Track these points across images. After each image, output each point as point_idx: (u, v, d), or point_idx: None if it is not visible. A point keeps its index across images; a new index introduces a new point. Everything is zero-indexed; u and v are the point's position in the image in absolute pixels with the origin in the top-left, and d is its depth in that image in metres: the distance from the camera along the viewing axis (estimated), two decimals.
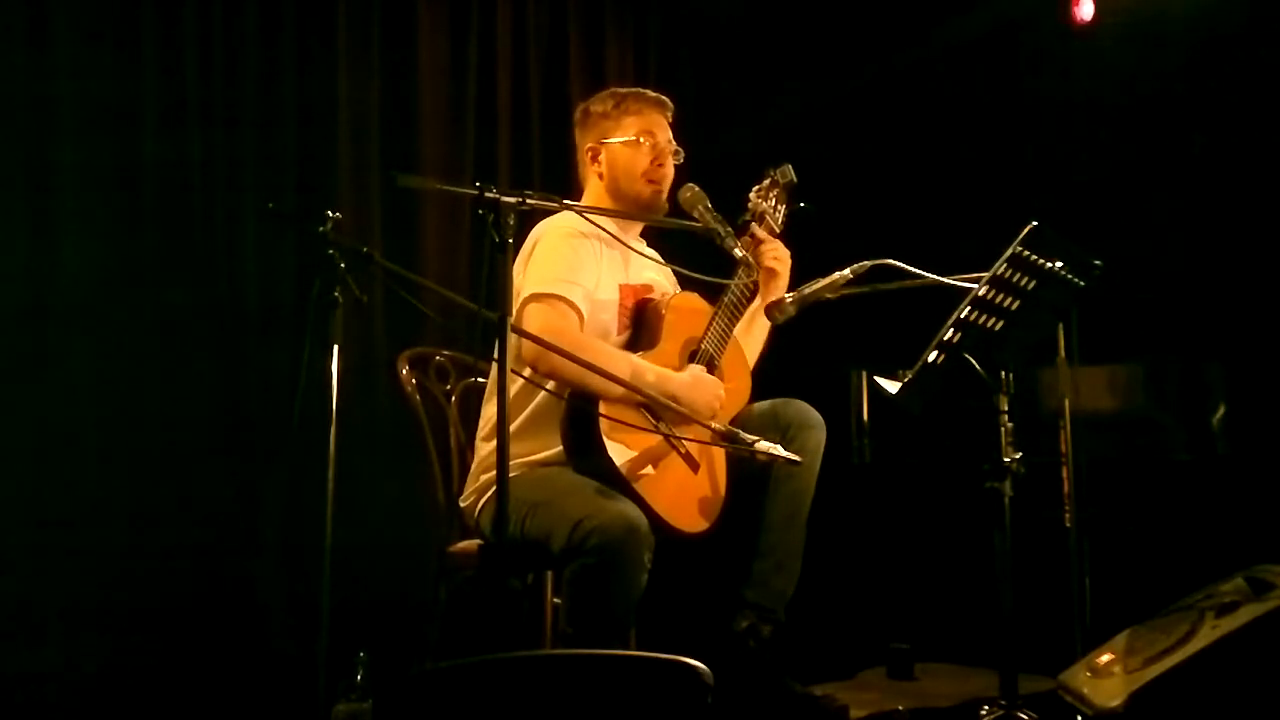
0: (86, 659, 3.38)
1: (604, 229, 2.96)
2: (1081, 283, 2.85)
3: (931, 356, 2.75)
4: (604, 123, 3.14)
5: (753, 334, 3.21)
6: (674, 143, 3.15)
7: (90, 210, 3.51)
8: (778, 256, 3.13)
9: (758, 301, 3.15)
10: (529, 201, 2.45)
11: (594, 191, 3.16)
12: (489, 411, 3.03)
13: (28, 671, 3.32)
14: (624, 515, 2.66)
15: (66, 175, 3.49)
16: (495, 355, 2.39)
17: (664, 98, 3.19)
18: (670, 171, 3.12)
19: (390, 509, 3.76)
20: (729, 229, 3.01)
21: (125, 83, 3.59)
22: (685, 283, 3.08)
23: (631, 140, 3.10)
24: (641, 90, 3.20)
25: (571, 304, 2.89)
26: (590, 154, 3.16)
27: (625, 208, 3.11)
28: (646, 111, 3.14)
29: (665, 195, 3.10)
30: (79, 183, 3.50)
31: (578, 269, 2.94)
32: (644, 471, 2.83)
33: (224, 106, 3.71)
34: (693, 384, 2.93)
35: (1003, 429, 2.82)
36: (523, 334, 2.73)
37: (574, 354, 2.68)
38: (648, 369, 2.90)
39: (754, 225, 3.12)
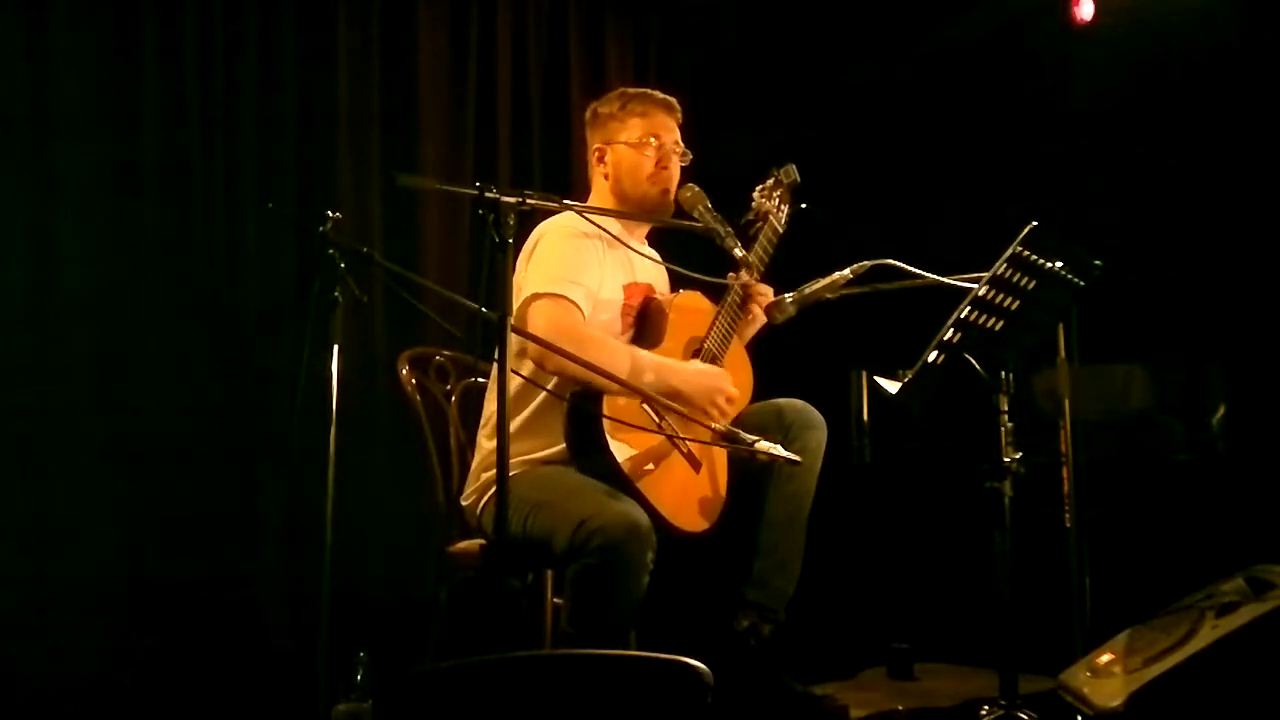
0: (86, 659, 3.38)
1: (605, 230, 2.96)
2: (1081, 283, 2.85)
3: (931, 356, 2.75)
4: (611, 123, 3.14)
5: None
6: (681, 144, 3.15)
7: (90, 210, 3.51)
8: (754, 292, 3.10)
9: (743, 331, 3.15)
10: (529, 201, 2.45)
11: (599, 192, 3.16)
12: (491, 409, 3.02)
13: (28, 671, 3.31)
14: (627, 516, 2.67)
15: (67, 176, 3.49)
16: (495, 355, 2.39)
17: (671, 99, 3.18)
18: (676, 173, 3.12)
19: (390, 509, 3.76)
20: (729, 229, 3.02)
21: (125, 83, 3.59)
22: (684, 282, 3.08)
23: (637, 142, 3.10)
24: (649, 91, 3.20)
25: (574, 303, 2.89)
26: (597, 154, 3.16)
27: (629, 209, 3.11)
28: (653, 113, 3.14)
29: (672, 197, 3.09)
30: (79, 183, 3.51)
31: (580, 269, 2.93)
32: (646, 471, 2.83)
33: (224, 107, 3.72)
34: (696, 374, 2.93)
35: (1003, 429, 2.82)
36: (524, 335, 2.73)
37: (577, 353, 2.68)
38: (648, 361, 2.90)
39: (741, 270, 3.09)
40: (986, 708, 2.83)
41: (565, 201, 2.77)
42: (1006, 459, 2.81)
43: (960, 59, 4.53)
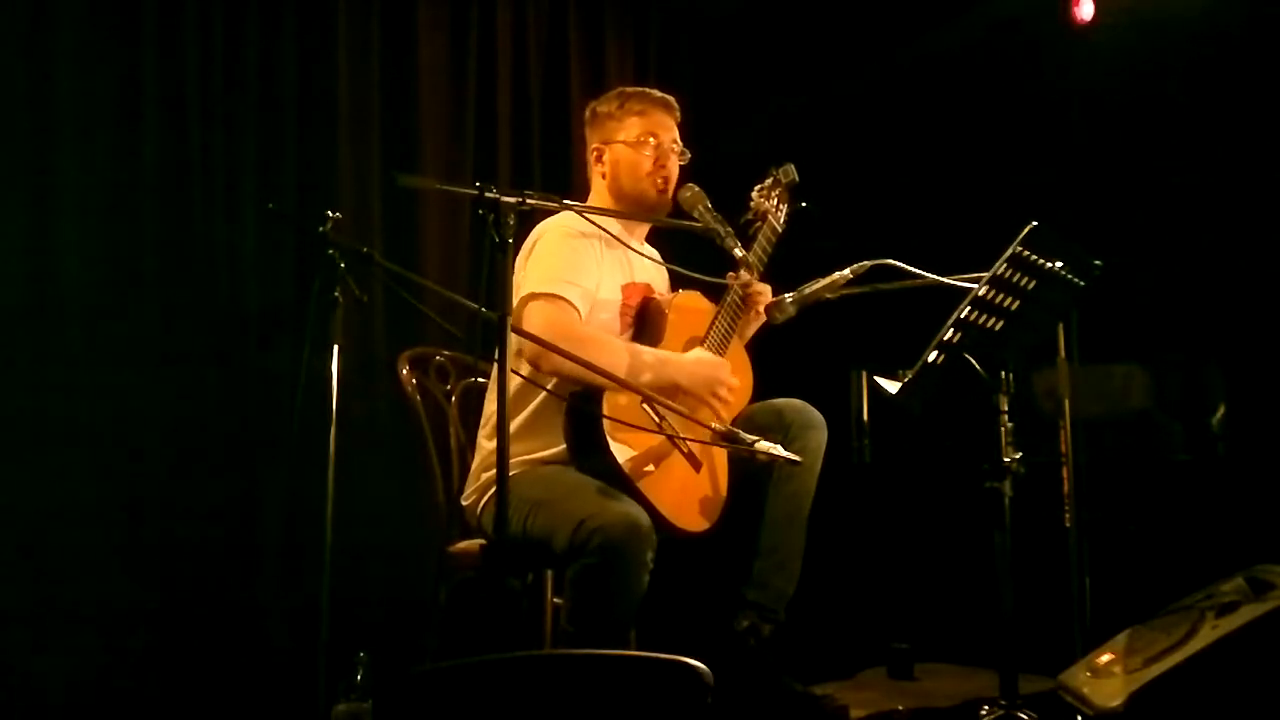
0: (86, 659, 3.37)
1: (605, 229, 2.96)
2: (1081, 283, 2.85)
3: (931, 356, 2.75)
4: (609, 123, 3.14)
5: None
6: (680, 143, 3.15)
7: (90, 210, 3.51)
8: (763, 298, 3.11)
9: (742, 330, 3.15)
10: (529, 201, 2.45)
11: (598, 191, 3.16)
12: (490, 409, 3.03)
13: (28, 671, 3.31)
14: (627, 515, 2.67)
15: (67, 175, 3.49)
16: (495, 355, 2.39)
17: (670, 98, 3.18)
18: (674, 172, 3.12)
19: (390, 509, 3.76)
20: (729, 229, 3.02)
21: (125, 83, 3.59)
22: (684, 282, 3.09)
23: (634, 141, 3.10)
24: (647, 90, 3.20)
25: (570, 303, 2.89)
26: (595, 154, 3.16)
27: (628, 208, 3.11)
28: (651, 112, 3.14)
29: (670, 196, 3.10)
30: (79, 183, 3.50)
31: (578, 269, 2.93)
32: (647, 471, 2.83)
33: (224, 107, 3.71)
34: (695, 365, 2.93)
35: (1003, 429, 2.82)
36: (524, 334, 2.73)
37: (575, 353, 2.68)
38: (647, 356, 2.90)
39: (741, 270, 3.10)
40: (986, 708, 2.83)
41: (565, 201, 2.77)
42: (1006, 459, 2.81)
43: (960, 58, 4.53)
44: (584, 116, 3.24)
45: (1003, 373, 2.84)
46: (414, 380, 3.09)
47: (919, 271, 2.95)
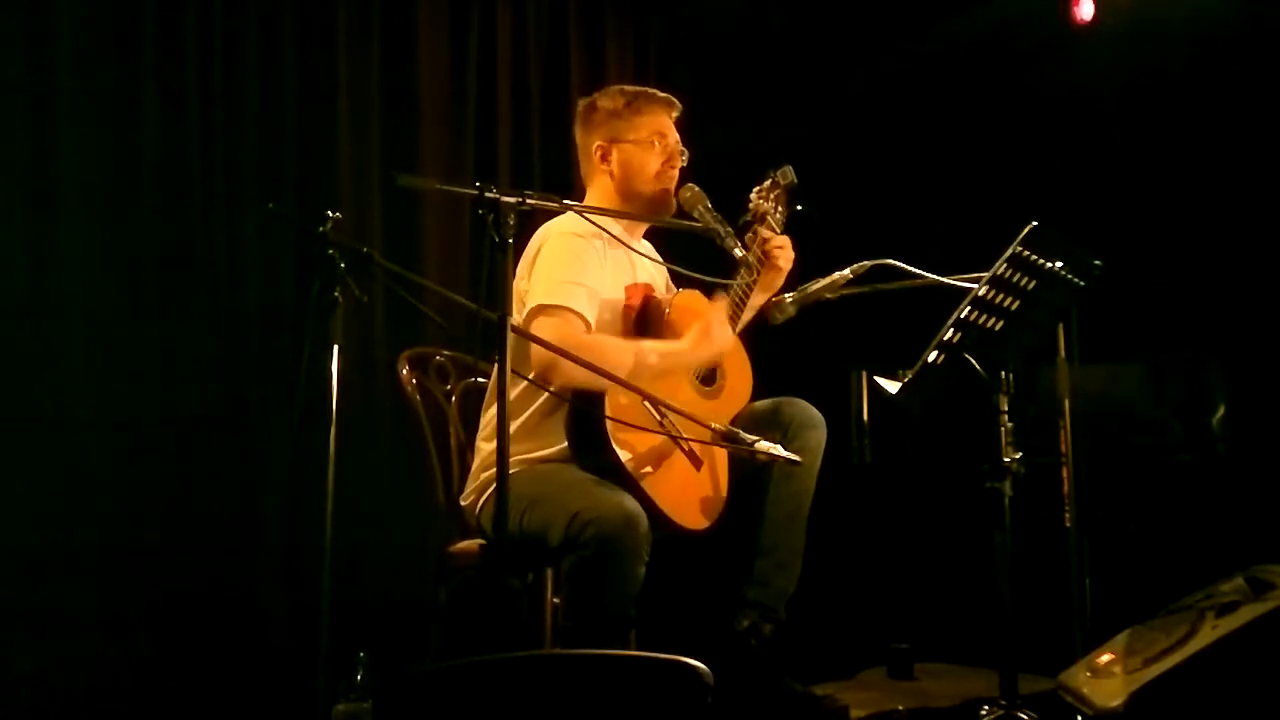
0: (86, 659, 3.37)
1: (606, 230, 2.96)
2: (1081, 283, 2.85)
3: (931, 356, 2.75)
4: (615, 121, 3.12)
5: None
6: (680, 143, 3.15)
7: (90, 209, 3.50)
8: (786, 253, 3.10)
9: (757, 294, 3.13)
10: (529, 201, 2.45)
11: (601, 190, 3.15)
12: (490, 412, 3.02)
13: (28, 672, 3.31)
14: (622, 507, 2.67)
15: (67, 174, 3.48)
16: (496, 355, 2.39)
17: (673, 98, 3.18)
18: (677, 173, 3.12)
19: (390, 509, 3.75)
20: (729, 229, 3.02)
21: (125, 82, 3.58)
22: (684, 282, 3.09)
23: (644, 141, 3.10)
24: (651, 90, 3.19)
25: (577, 312, 2.88)
26: (599, 153, 3.14)
27: (634, 208, 3.10)
28: (657, 112, 3.14)
29: (673, 197, 3.09)
30: (79, 181, 3.50)
31: (581, 271, 2.93)
32: (647, 469, 2.83)
33: (224, 106, 3.71)
34: (698, 341, 2.93)
35: (1003, 429, 2.82)
36: (527, 336, 2.73)
37: (583, 362, 2.68)
38: (651, 350, 2.90)
39: (757, 226, 3.10)
40: (986, 708, 2.83)
41: (565, 201, 2.76)
42: (1006, 459, 2.81)
43: (960, 58, 4.53)
44: (578, 111, 3.21)
45: (1003, 373, 2.84)
46: (414, 380, 3.09)
47: (919, 271, 2.95)
